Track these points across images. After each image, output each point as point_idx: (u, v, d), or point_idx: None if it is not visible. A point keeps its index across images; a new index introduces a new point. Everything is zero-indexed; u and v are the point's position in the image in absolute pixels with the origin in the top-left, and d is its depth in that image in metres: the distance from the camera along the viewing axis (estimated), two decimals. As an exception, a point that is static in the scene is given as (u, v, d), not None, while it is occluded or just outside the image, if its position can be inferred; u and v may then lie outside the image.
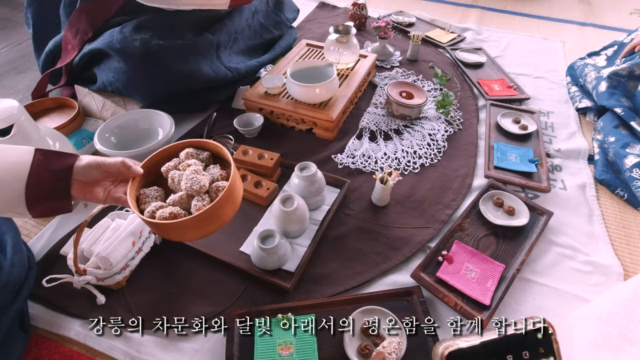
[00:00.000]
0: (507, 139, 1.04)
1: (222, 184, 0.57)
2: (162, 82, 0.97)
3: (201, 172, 0.56)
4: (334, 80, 0.98)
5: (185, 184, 0.55)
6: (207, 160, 0.62)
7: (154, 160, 0.60)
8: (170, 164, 0.59)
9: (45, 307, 0.68)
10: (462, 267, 0.73)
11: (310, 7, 1.75)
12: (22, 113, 0.75)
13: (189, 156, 0.60)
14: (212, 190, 0.57)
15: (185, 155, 0.60)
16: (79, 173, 0.52)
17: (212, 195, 0.56)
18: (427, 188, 0.90)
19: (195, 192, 0.55)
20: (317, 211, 0.83)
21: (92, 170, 0.52)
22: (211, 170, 0.60)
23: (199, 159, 0.61)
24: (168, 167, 0.59)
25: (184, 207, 0.56)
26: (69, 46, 1.04)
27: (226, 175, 0.60)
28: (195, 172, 0.55)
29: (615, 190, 0.91)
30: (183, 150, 0.60)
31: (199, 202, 0.54)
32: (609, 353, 0.53)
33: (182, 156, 0.60)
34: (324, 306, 0.67)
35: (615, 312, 0.56)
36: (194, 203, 0.55)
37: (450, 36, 1.50)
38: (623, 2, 1.86)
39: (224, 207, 0.54)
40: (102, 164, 0.52)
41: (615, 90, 1.04)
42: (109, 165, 0.53)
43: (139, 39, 0.92)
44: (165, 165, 0.59)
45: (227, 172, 0.60)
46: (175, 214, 0.53)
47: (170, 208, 0.54)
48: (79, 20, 1.01)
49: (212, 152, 0.63)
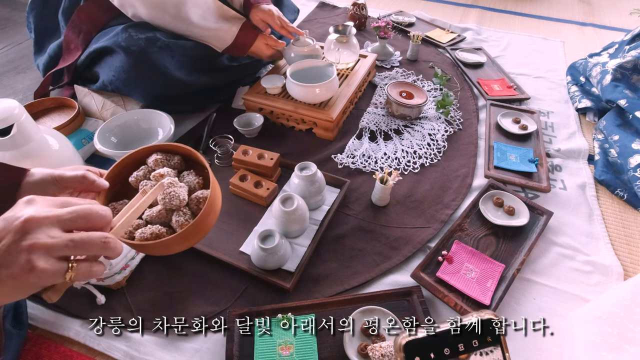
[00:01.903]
0: (507, 139, 1.04)
1: (202, 194, 0.53)
2: (162, 81, 0.97)
3: (178, 184, 0.51)
4: (334, 80, 0.98)
5: (162, 199, 0.50)
6: (178, 165, 0.57)
7: (119, 168, 0.54)
8: (139, 173, 0.54)
9: (45, 307, 0.68)
10: (462, 267, 0.73)
11: (310, 7, 1.75)
12: (22, 113, 0.75)
13: (158, 163, 0.55)
14: (192, 202, 0.53)
15: (154, 162, 0.55)
16: (29, 190, 0.45)
17: (192, 207, 0.53)
18: (427, 188, 0.90)
19: (174, 207, 0.51)
20: (317, 211, 0.83)
21: (48, 185, 0.46)
22: (186, 178, 0.55)
23: (170, 165, 0.56)
24: (137, 177, 0.54)
25: (163, 221, 0.52)
26: (71, 45, 1.04)
27: (202, 182, 0.55)
28: (172, 185, 0.50)
29: (615, 191, 0.91)
30: (151, 157, 0.55)
31: (181, 217, 0.51)
32: (608, 353, 0.53)
33: (150, 163, 0.55)
34: (324, 306, 0.67)
35: (615, 312, 0.56)
36: (175, 219, 0.51)
37: (450, 36, 1.50)
38: (623, 2, 1.86)
39: (207, 218, 0.50)
40: (59, 179, 0.46)
41: (620, 83, 1.04)
42: (68, 179, 0.46)
43: (144, 38, 0.93)
44: (134, 174, 0.54)
45: (204, 176, 0.55)
46: (157, 234, 0.49)
47: (150, 227, 0.50)
48: (80, 21, 1.01)
49: (183, 156, 0.58)
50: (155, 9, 0.94)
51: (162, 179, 0.52)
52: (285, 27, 1.05)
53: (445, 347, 0.40)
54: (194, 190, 0.55)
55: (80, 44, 1.02)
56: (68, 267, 0.33)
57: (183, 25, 0.97)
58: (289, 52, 1.10)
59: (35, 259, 0.32)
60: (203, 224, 0.49)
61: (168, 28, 0.98)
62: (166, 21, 0.96)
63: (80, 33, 1.02)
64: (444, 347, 0.40)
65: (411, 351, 0.40)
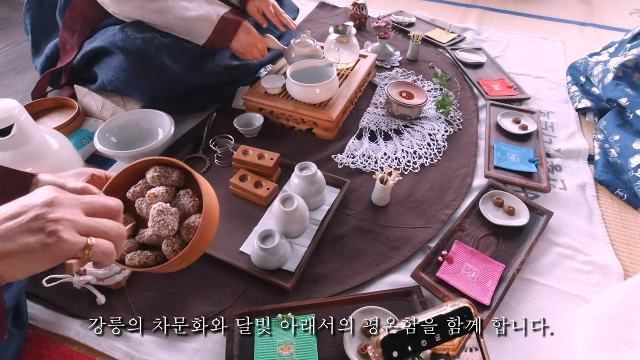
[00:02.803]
0: (507, 139, 1.04)
1: (193, 222, 0.52)
2: (161, 81, 0.97)
3: (168, 211, 0.51)
4: (334, 80, 0.98)
5: (152, 226, 0.50)
6: (177, 181, 0.56)
7: (118, 181, 0.54)
8: (136, 189, 0.54)
9: (45, 307, 0.68)
10: (462, 267, 0.73)
11: (310, 7, 1.75)
12: (22, 113, 0.75)
13: (156, 180, 0.54)
14: (183, 229, 0.52)
15: (152, 179, 0.54)
16: None
17: (183, 235, 0.52)
18: (427, 188, 0.90)
19: (164, 235, 0.51)
20: (317, 211, 0.83)
21: None
22: (182, 199, 0.54)
23: (168, 182, 0.55)
24: (134, 192, 0.54)
25: (154, 244, 0.53)
26: (67, 46, 1.04)
27: (199, 203, 0.54)
28: (161, 213, 0.50)
29: (615, 191, 0.91)
30: (149, 172, 0.55)
31: (169, 247, 0.51)
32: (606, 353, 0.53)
33: (148, 179, 0.55)
34: (324, 306, 0.67)
35: (613, 313, 0.56)
36: (164, 247, 0.51)
37: (450, 36, 1.50)
38: (623, 2, 1.86)
39: (198, 245, 0.50)
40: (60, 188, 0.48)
41: (621, 82, 1.03)
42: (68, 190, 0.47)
43: (141, 37, 0.93)
44: (132, 189, 0.54)
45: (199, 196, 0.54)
46: (144, 262, 0.50)
47: (139, 255, 0.50)
48: (73, 20, 1.01)
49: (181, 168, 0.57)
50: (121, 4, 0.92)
51: (155, 199, 0.52)
52: (278, 15, 1.05)
53: (422, 339, 0.40)
54: (189, 213, 0.54)
55: (75, 43, 1.02)
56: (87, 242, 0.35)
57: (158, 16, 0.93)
58: (289, 53, 1.10)
59: (60, 230, 0.33)
60: (191, 253, 0.49)
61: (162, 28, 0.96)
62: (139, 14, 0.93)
63: (74, 33, 1.02)
64: (421, 339, 0.40)
65: (388, 346, 0.40)
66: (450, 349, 0.42)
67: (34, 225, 0.33)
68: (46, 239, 0.33)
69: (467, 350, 0.42)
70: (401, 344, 0.40)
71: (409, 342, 0.40)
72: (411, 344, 0.40)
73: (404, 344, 0.40)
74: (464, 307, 0.42)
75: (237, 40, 1.00)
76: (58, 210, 0.35)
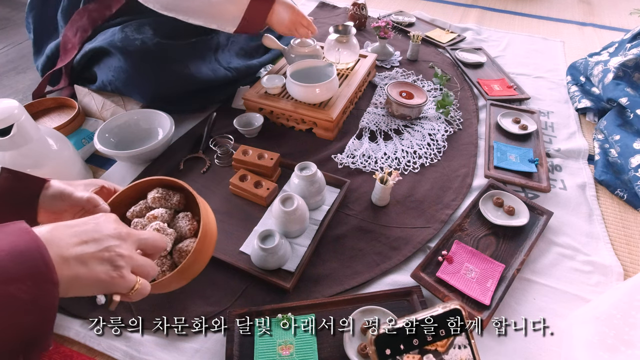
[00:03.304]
0: (507, 139, 1.04)
1: (187, 246, 0.53)
2: (161, 82, 0.98)
3: (164, 231, 0.52)
4: (334, 80, 0.98)
5: None
6: (177, 205, 0.57)
7: (124, 195, 0.56)
8: (135, 208, 0.56)
9: (45, 307, 0.68)
10: (462, 267, 0.73)
11: (310, 7, 1.75)
12: (22, 113, 0.75)
13: (156, 201, 0.55)
14: (175, 252, 0.53)
15: (152, 200, 0.55)
16: (45, 203, 0.49)
17: (175, 257, 0.53)
18: (427, 188, 0.90)
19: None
20: (317, 211, 0.83)
21: (58, 202, 0.50)
22: (179, 222, 0.55)
23: (168, 205, 0.56)
24: (133, 212, 0.56)
25: None
26: (68, 45, 1.04)
27: (196, 226, 0.55)
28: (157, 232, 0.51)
29: (615, 191, 0.91)
30: (151, 193, 0.56)
31: (159, 267, 0.51)
32: (605, 353, 0.53)
33: (149, 200, 0.56)
34: (324, 306, 0.67)
35: (612, 313, 0.56)
36: None
37: (450, 36, 1.50)
38: (623, 2, 1.86)
39: (187, 271, 0.50)
40: (67, 197, 0.50)
41: (621, 81, 1.03)
42: (74, 200, 0.50)
43: (140, 38, 0.93)
44: (131, 210, 0.56)
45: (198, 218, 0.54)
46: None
47: None
48: (80, 19, 1.01)
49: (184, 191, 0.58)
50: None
51: (154, 220, 0.53)
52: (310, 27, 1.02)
53: (414, 338, 0.42)
54: (184, 236, 0.55)
55: (77, 43, 1.02)
56: (136, 284, 0.38)
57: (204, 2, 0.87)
58: (289, 53, 1.10)
59: (123, 266, 0.36)
60: (181, 275, 0.50)
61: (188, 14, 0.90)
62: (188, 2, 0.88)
63: (78, 31, 1.02)
64: (413, 338, 0.42)
65: (382, 344, 0.42)
66: (439, 345, 0.43)
67: (105, 256, 0.36)
68: (112, 272, 0.36)
69: (456, 347, 0.43)
70: (394, 342, 0.42)
71: (401, 340, 0.42)
72: (403, 342, 0.42)
73: (397, 342, 0.42)
74: (455, 308, 0.44)
75: (278, 18, 0.95)
76: (124, 245, 0.37)
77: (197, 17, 0.90)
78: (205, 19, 0.90)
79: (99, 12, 1.01)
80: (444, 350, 0.43)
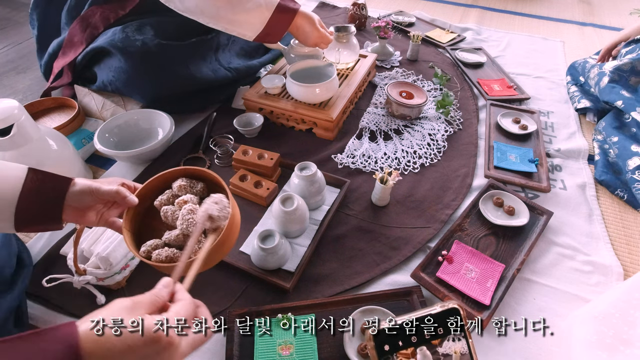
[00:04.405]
0: (507, 139, 1.04)
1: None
2: (162, 82, 0.98)
3: (197, 211, 0.53)
4: (334, 80, 0.98)
5: (181, 224, 0.53)
6: (201, 192, 0.59)
7: (150, 186, 0.58)
8: (163, 197, 0.58)
9: (45, 307, 0.68)
10: (462, 267, 0.73)
11: (310, 7, 1.76)
12: (22, 113, 0.75)
13: (182, 189, 0.58)
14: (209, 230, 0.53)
15: (179, 188, 0.58)
16: (72, 199, 0.50)
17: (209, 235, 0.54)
18: (427, 188, 0.90)
19: (191, 233, 0.53)
20: (317, 211, 0.83)
21: (86, 197, 0.50)
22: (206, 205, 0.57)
23: (193, 192, 0.58)
24: (161, 201, 0.57)
25: (179, 245, 0.54)
26: (75, 39, 1.02)
27: None
28: (191, 212, 0.53)
29: (615, 191, 0.91)
30: (176, 182, 0.58)
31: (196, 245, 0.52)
32: (603, 352, 0.53)
33: (175, 189, 0.58)
34: (324, 306, 0.67)
35: (611, 312, 0.56)
36: None
37: (450, 36, 1.50)
38: (623, 2, 1.86)
39: (221, 247, 0.52)
40: (95, 192, 0.51)
41: (617, 85, 1.03)
42: (104, 193, 0.51)
43: (141, 39, 0.92)
44: (159, 199, 0.58)
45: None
46: (171, 257, 0.52)
47: (167, 251, 0.52)
48: (93, 15, 1.01)
49: (208, 181, 0.60)
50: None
51: (185, 205, 0.55)
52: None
53: (412, 336, 0.43)
54: None
55: (85, 38, 1.01)
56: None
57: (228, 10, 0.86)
58: (289, 53, 1.10)
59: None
60: (216, 252, 0.51)
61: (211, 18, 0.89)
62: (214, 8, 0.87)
63: (88, 27, 1.01)
64: (412, 336, 0.43)
65: (380, 340, 0.43)
66: None
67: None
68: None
69: (450, 340, 0.45)
70: (393, 339, 0.43)
71: (399, 337, 0.43)
72: (402, 339, 0.43)
73: (396, 338, 0.43)
74: (454, 308, 0.45)
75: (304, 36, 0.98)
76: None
77: (219, 22, 0.89)
78: (226, 25, 0.90)
79: (113, 11, 1.01)
80: (437, 343, 0.44)
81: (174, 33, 1.01)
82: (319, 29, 0.99)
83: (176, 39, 0.99)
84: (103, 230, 0.71)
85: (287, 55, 1.11)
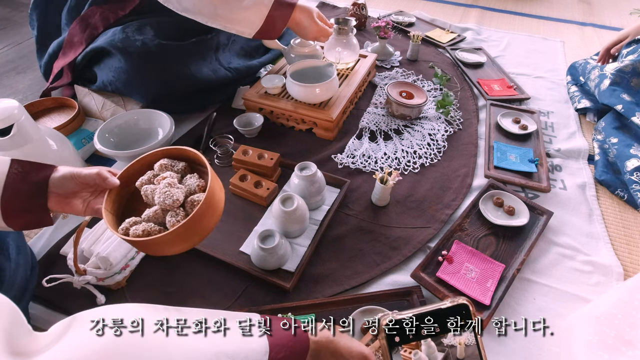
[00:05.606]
0: (507, 139, 1.04)
1: (198, 197, 0.54)
2: (162, 82, 0.98)
3: (175, 185, 0.54)
4: (334, 80, 0.98)
5: (158, 198, 0.52)
6: (182, 171, 0.59)
7: (132, 169, 0.57)
8: (144, 178, 0.57)
9: (46, 307, 0.68)
10: (462, 267, 0.73)
11: (310, 7, 1.75)
12: (22, 113, 0.75)
13: (163, 168, 0.57)
14: (187, 204, 0.54)
15: (159, 167, 0.57)
16: (54, 185, 0.50)
17: (187, 209, 0.54)
18: (427, 188, 0.90)
19: (168, 206, 0.53)
20: (317, 211, 0.83)
21: (67, 182, 0.51)
22: (188, 181, 0.57)
23: (175, 170, 0.58)
24: (142, 181, 0.57)
25: (159, 222, 0.54)
26: (74, 39, 1.03)
27: (204, 185, 0.57)
28: (169, 186, 0.53)
29: (615, 191, 0.91)
30: (158, 162, 0.58)
31: (173, 217, 0.52)
32: (605, 353, 0.53)
33: (156, 168, 0.58)
34: (324, 306, 0.67)
35: (613, 313, 0.56)
36: (168, 219, 0.53)
37: (450, 36, 1.50)
38: (623, 2, 1.86)
39: (201, 221, 0.51)
40: (77, 175, 0.51)
41: (618, 87, 1.03)
42: (84, 176, 0.51)
43: (141, 39, 0.92)
44: (139, 179, 0.57)
45: (206, 181, 0.56)
46: (148, 231, 0.51)
47: (144, 225, 0.52)
48: (93, 15, 1.01)
49: (190, 160, 0.60)
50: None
51: (163, 180, 0.54)
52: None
53: (422, 329, 0.45)
54: (193, 193, 0.56)
55: (84, 38, 1.01)
56: None
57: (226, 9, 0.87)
58: (289, 53, 1.10)
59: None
60: (196, 225, 0.51)
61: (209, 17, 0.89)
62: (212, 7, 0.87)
63: (88, 28, 1.01)
64: (422, 329, 0.45)
65: (391, 331, 0.45)
66: None
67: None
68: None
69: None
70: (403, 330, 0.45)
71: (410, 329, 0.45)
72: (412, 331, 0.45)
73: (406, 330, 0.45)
74: (463, 304, 0.46)
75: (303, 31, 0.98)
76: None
77: (217, 21, 0.90)
78: (225, 23, 0.90)
79: (113, 11, 1.01)
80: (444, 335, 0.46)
81: (174, 33, 1.01)
82: (318, 23, 0.99)
83: (176, 39, 0.99)
84: (103, 230, 0.71)
85: (287, 55, 1.11)
